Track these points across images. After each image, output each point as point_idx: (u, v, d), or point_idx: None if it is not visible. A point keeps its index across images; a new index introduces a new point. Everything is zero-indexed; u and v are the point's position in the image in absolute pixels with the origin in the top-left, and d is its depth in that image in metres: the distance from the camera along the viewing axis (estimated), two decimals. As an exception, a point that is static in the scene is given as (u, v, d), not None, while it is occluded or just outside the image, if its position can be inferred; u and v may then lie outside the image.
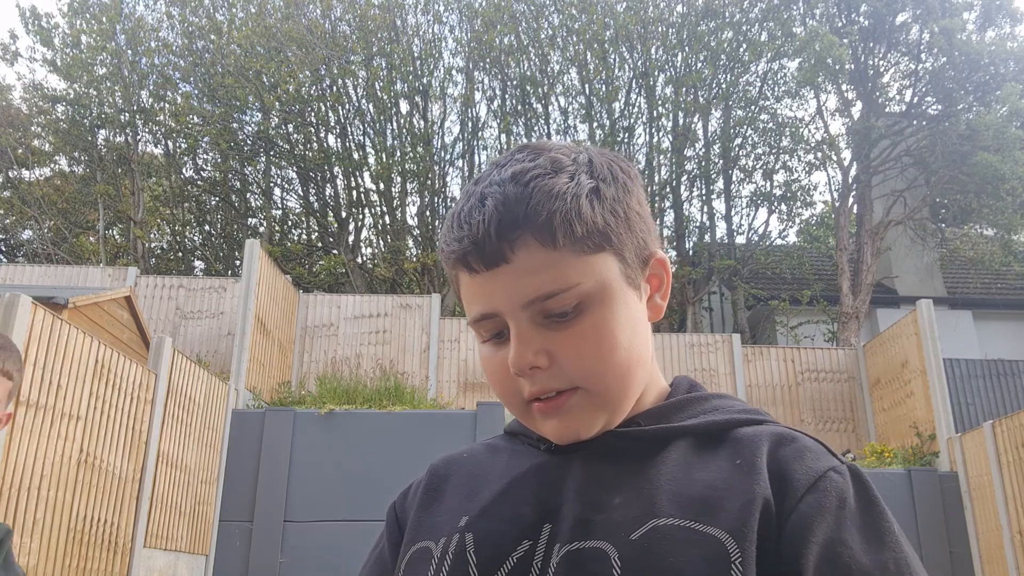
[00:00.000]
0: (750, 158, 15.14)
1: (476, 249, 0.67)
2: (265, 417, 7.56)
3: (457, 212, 0.71)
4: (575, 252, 0.67)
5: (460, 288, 0.73)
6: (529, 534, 0.68)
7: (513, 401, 0.72)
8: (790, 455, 0.66)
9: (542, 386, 0.69)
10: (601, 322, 0.68)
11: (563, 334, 0.68)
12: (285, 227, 16.88)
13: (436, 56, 14.87)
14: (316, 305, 10.01)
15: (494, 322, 0.70)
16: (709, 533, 0.61)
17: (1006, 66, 12.22)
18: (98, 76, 14.85)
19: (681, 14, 14.64)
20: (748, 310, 14.04)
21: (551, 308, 0.67)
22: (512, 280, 0.67)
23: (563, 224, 0.66)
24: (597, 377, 0.69)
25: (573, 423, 0.70)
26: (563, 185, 0.68)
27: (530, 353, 0.67)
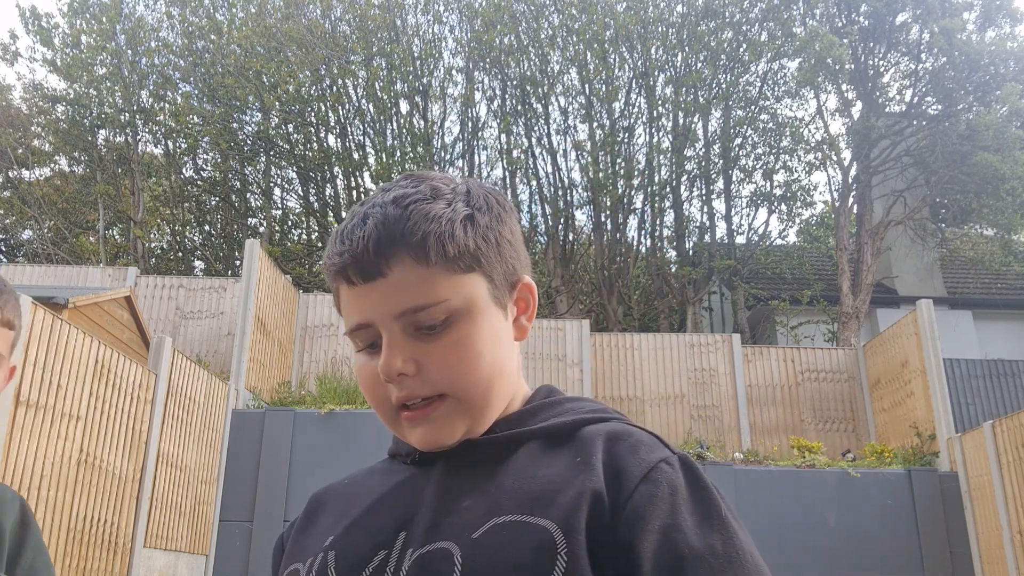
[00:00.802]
0: (750, 158, 15.15)
1: (355, 263, 0.73)
2: (265, 417, 7.56)
3: (341, 229, 0.77)
4: (446, 271, 0.73)
5: (340, 300, 0.77)
6: (385, 544, 0.72)
7: (383, 409, 0.76)
8: (624, 450, 0.70)
9: (408, 392, 0.73)
10: (466, 336, 0.73)
11: (431, 345, 0.73)
12: (285, 227, 16.88)
13: (436, 56, 14.88)
14: (316, 305, 10.01)
15: (368, 332, 0.74)
16: (540, 524, 0.65)
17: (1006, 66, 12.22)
18: (98, 76, 14.85)
19: (681, 14, 14.64)
20: (748, 310, 14.04)
21: (421, 320, 0.72)
22: (387, 293, 0.72)
23: (436, 244, 0.73)
24: (461, 386, 0.73)
25: (437, 430, 0.74)
26: (439, 210, 0.75)
27: (399, 360, 0.72)
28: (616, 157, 14.43)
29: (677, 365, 10.06)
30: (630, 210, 14.84)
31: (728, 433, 9.71)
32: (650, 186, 14.81)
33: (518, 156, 14.91)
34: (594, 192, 14.29)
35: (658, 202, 14.94)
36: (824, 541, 7.69)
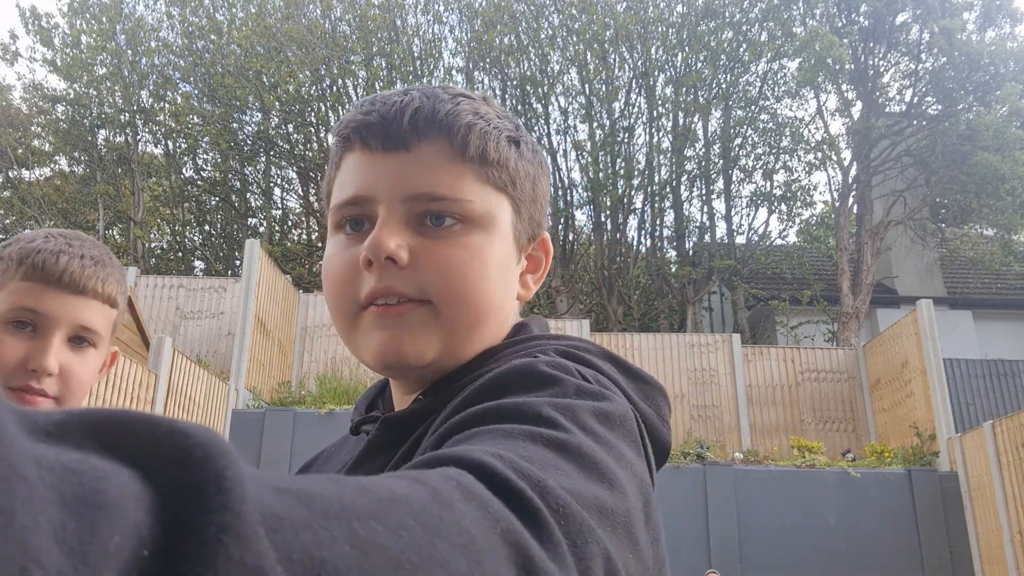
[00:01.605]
0: (750, 158, 15.15)
1: (381, 125, 0.63)
2: (265, 417, 7.57)
3: (370, 97, 0.67)
4: (478, 175, 0.64)
5: (340, 170, 0.67)
6: None
7: (345, 305, 0.64)
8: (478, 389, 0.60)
9: (388, 284, 0.61)
10: (477, 247, 0.63)
11: (434, 242, 0.62)
12: (285, 227, 16.89)
13: (436, 56, 14.88)
14: (316, 305, 10.01)
15: (360, 209, 0.64)
16: None
17: (1006, 66, 12.23)
18: (98, 76, 14.85)
19: (681, 14, 14.64)
20: (748, 310, 14.04)
21: (433, 210, 0.62)
22: (406, 168, 0.63)
23: (478, 140, 0.64)
24: (452, 296, 0.62)
25: (406, 339, 0.62)
26: (489, 113, 0.66)
27: (392, 242, 0.61)
28: (616, 157, 14.43)
29: (677, 365, 10.06)
30: (630, 210, 14.84)
31: (728, 433, 9.71)
32: (650, 186, 14.82)
33: (518, 156, 14.91)
34: (594, 192, 14.30)
35: (658, 202, 14.95)
36: (824, 541, 7.69)
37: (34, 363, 0.99)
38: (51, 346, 1.01)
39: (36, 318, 1.01)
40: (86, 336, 1.05)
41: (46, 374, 0.99)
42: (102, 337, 1.08)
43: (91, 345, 1.06)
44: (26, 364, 0.99)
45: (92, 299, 1.05)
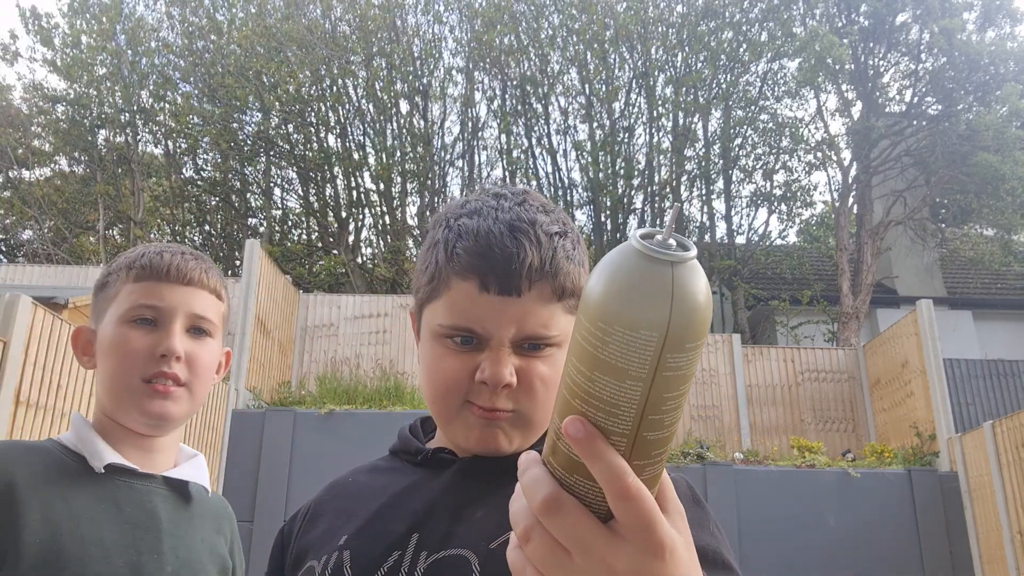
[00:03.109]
0: (750, 158, 15.14)
1: (502, 275, 0.75)
2: (265, 417, 7.56)
3: (482, 230, 0.77)
4: (564, 308, 0.78)
5: (451, 289, 0.78)
6: (398, 546, 0.74)
7: (449, 401, 0.78)
8: None
9: (496, 403, 0.76)
10: (557, 365, 0.78)
11: (530, 364, 0.77)
12: (285, 227, 16.88)
13: (436, 56, 14.88)
14: (316, 305, 10.01)
15: (471, 334, 0.77)
16: None
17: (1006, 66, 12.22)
18: (98, 76, 14.85)
19: (681, 14, 14.64)
20: (748, 310, 14.04)
21: (534, 342, 0.77)
22: (517, 313, 0.75)
23: (570, 286, 0.78)
24: (536, 411, 0.78)
25: (500, 436, 0.78)
26: (571, 250, 0.79)
27: (507, 372, 0.75)
28: (616, 157, 14.43)
29: (677, 365, 10.05)
30: (630, 210, 14.84)
31: (728, 433, 9.71)
32: (650, 186, 14.81)
33: (518, 156, 14.91)
34: (594, 192, 14.29)
35: (658, 202, 14.94)
36: (824, 541, 7.69)
37: (161, 348, 1.07)
38: (174, 332, 1.09)
39: (155, 312, 1.09)
40: (202, 325, 1.13)
41: (174, 356, 1.07)
42: (216, 327, 1.16)
43: (208, 335, 1.14)
44: (154, 351, 1.07)
45: (200, 289, 1.14)
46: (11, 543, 0.93)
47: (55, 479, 1.01)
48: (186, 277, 1.12)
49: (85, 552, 0.97)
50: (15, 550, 0.93)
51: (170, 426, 1.11)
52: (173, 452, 1.17)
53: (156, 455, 1.12)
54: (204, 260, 1.17)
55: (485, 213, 0.79)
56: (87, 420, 1.11)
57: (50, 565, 0.94)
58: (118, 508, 1.03)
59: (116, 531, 1.01)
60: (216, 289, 1.17)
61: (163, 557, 1.04)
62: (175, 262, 1.12)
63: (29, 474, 0.99)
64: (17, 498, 0.96)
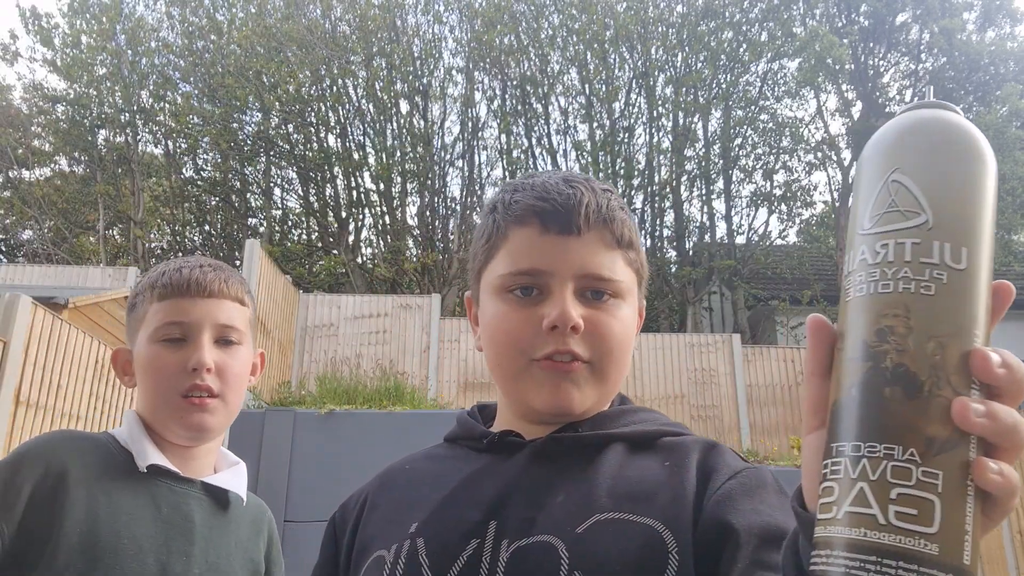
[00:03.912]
0: (750, 158, 15.14)
1: (561, 213, 0.77)
2: (265, 417, 7.56)
3: (538, 182, 0.81)
4: (624, 259, 0.80)
5: (508, 240, 0.80)
6: (476, 533, 0.72)
7: (518, 357, 0.77)
8: (716, 456, 0.76)
9: (567, 347, 0.75)
10: (625, 317, 0.79)
11: (595, 312, 0.77)
12: (285, 227, 16.88)
13: (436, 56, 14.87)
14: (316, 305, 10.01)
15: (534, 279, 0.77)
16: (644, 523, 0.69)
17: (1006, 66, 12.23)
18: (98, 76, 14.85)
19: (681, 14, 14.64)
20: (748, 310, 14.04)
21: (596, 287, 0.78)
22: (578, 251, 0.77)
23: (627, 233, 0.81)
24: (609, 358, 0.78)
25: (572, 391, 0.77)
26: (624, 207, 0.83)
27: (576, 313, 0.75)
28: (616, 157, 14.43)
29: (677, 365, 10.06)
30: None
31: (728, 433, 9.71)
32: (650, 186, 14.81)
33: (518, 156, 14.91)
34: (594, 192, 14.27)
35: (658, 202, 14.94)
36: (824, 541, 7.69)
37: (192, 362, 1.10)
38: (202, 345, 1.12)
39: (181, 329, 1.13)
40: (229, 335, 1.16)
41: (204, 369, 1.10)
42: (244, 334, 1.19)
43: (236, 343, 1.17)
44: (186, 366, 1.10)
45: (223, 299, 1.17)
46: (56, 531, 0.98)
47: (102, 473, 1.05)
48: (207, 290, 1.15)
49: (119, 546, 1.00)
50: (57, 538, 0.97)
51: (209, 436, 1.15)
52: (213, 458, 1.21)
53: (196, 461, 1.16)
54: (224, 270, 1.20)
55: (539, 175, 0.83)
56: (140, 419, 1.15)
57: (86, 555, 0.98)
58: (156, 507, 1.07)
59: (151, 529, 1.05)
60: (239, 296, 1.20)
61: (192, 559, 1.07)
62: (195, 276, 1.15)
63: (81, 465, 1.03)
64: (67, 488, 1.00)
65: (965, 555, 0.39)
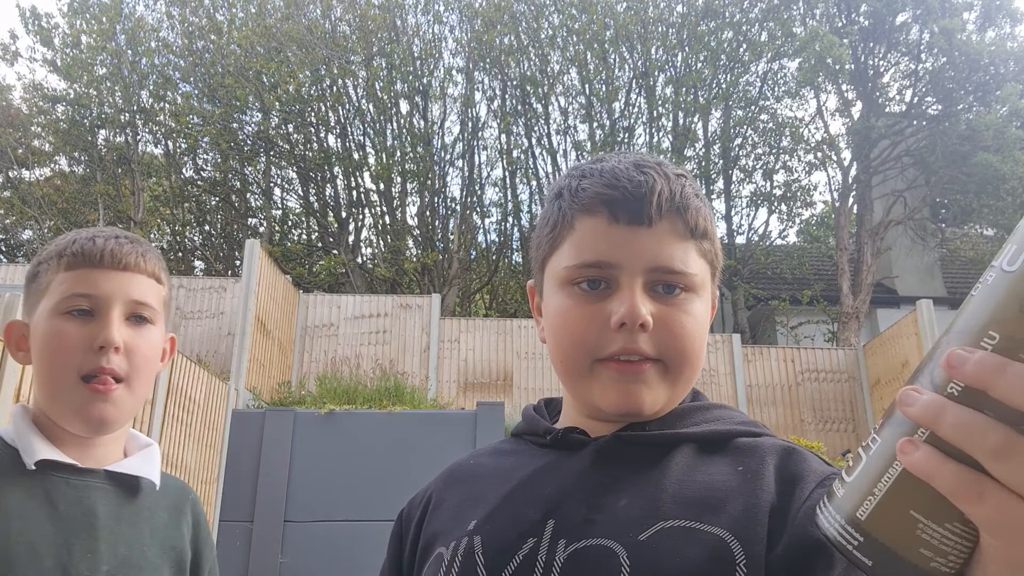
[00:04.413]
0: (750, 158, 15.14)
1: (632, 202, 0.72)
2: (265, 417, 7.56)
3: (607, 167, 0.75)
4: (698, 249, 0.75)
5: (575, 230, 0.75)
6: (533, 532, 0.69)
7: (583, 355, 0.73)
8: (798, 461, 0.71)
9: (635, 346, 0.71)
10: (698, 312, 0.75)
11: (669, 308, 0.72)
12: (285, 227, 16.88)
13: (436, 56, 14.88)
14: (316, 305, 10.01)
15: (601, 272, 0.73)
16: (712, 532, 0.64)
17: (1006, 66, 12.22)
18: (98, 76, 14.85)
19: (681, 14, 14.64)
20: (748, 310, 14.04)
21: (668, 281, 0.73)
22: (648, 243, 0.72)
23: (702, 222, 0.75)
24: (681, 357, 0.73)
25: (642, 392, 0.72)
26: (699, 192, 0.78)
27: (645, 310, 0.70)
28: (616, 157, 14.42)
29: (677, 365, 10.05)
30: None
31: (728, 433, 9.71)
32: (650, 186, 14.79)
33: (518, 156, 14.91)
34: (594, 192, 14.27)
35: (658, 202, 14.93)
36: (824, 541, 7.69)
37: (99, 339, 1.00)
38: (112, 322, 1.02)
39: (90, 301, 1.02)
40: (142, 312, 1.07)
41: (112, 348, 1.01)
42: (157, 312, 1.10)
43: (148, 322, 1.08)
44: (91, 343, 1.00)
45: (137, 273, 1.07)
46: None
47: None
48: (122, 262, 1.05)
49: (11, 552, 0.92)
50: None
51: (110, 429, 1.05)
52: (120, 444, 1.10)
53: (101, 449, 1.06)
54: (141, 243, 1.09)
55: (608, 159, 0.78)
56: (27, 412, 1.04)
57: None
58: (51, 505, 0.97)
59: (47, 530, 0.96)
60: (155, 272, 1.10)
61: (98, 556, 0.98)
62: (109, 246, 1.04)
63: None
64: None
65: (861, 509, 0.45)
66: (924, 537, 0.43)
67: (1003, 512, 0.38)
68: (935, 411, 0.40)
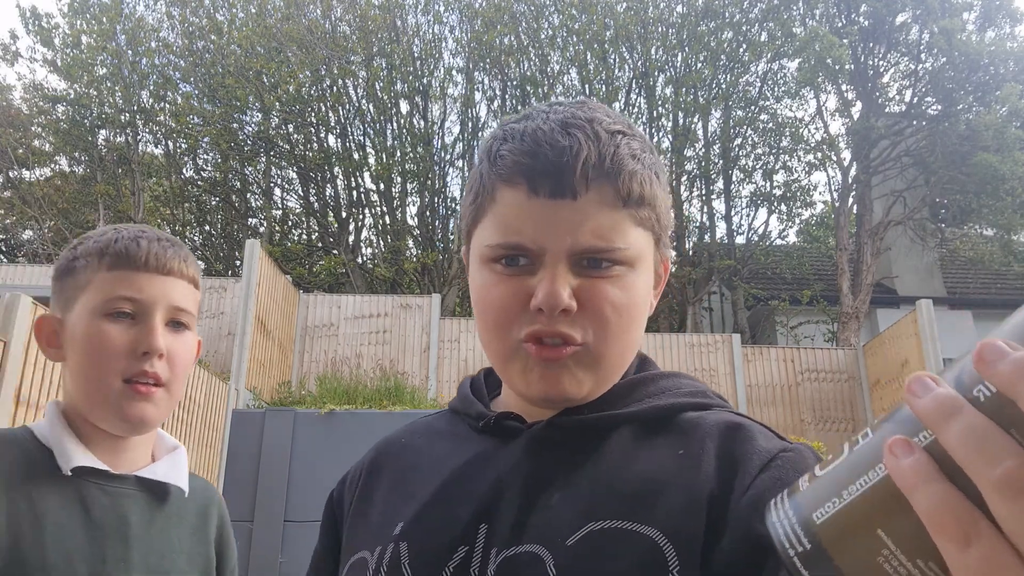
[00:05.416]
0: (750, 158, 15.15)
1: (552, 172, 0.64)
2: (265, 417, 7.57)
3: (529, 129, 0.66)
4: (633, 218, 0.66)
5: (496, 203, 0.68)
6: (465, 538, 0.63)
7: (505, 336, 0.67)
8: (741, 439, 0.64)
9: (557, 329, 0.64)
10: (631, 286, 0.67)
11: (594, 283, 0.65)
12: (285, 227, 16.89)
13: (436, 56, 14.88)
14: (316, 305, 10.02)
15: (522, 252, 0.66)
16: (644, 534, 0.58)
17: (1006, 66, 12.22)
18: (98, 76, 14.85)
19: (681, 14, 14.64)
20: (748, 310, 14.04)
21: (593, 258, 0.65)
22: (571, 219, 0.64)
23: (639, 186, 0.66)
24: (608, 338, 0.66)
25: (566, 379, 0.66)
26: (640, 151, 0.67)
27: (566, 294, 0.63)
28: (616, 157, 14.42)
29: (677, 365, 10.06)
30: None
31: (728, 433, 9.71)
32: (650, 186, 14.80)
33: (518, 156, 14.91)
34: (594, 192, 14.28)
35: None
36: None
37: (144, 345, 0.99)
38: (156, 328, 1.01)
39: (134, 305, 1.01)
40: (181, 318, 1.06)
41: (157, 355, 1.00)
42: (194, 318, 1.08)
43: (186, 327, 1.07)
44: (135, 349, 0.99)
45: (179, 279, 1.05)
46: None
47: (22, 478, 0.93)
48: (165, 267, 1.03)
49: (46, 560, 0.89)
50: None
51: (148, 428, 1.03)
52: (149, 447, 1.09)
53: (131, 452, 1.05)
54: (181, 247, 1.08)
55: (535, 115, 0.68)
56: (60, 411, 1.03)
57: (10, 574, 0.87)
58: (86, 512, 0.96)
59: (82, 537, 0.94)
60: (194, 278, 1.09)
61: (131, 565, 0.97)
62: (153, 250, 1.03)
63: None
64: None
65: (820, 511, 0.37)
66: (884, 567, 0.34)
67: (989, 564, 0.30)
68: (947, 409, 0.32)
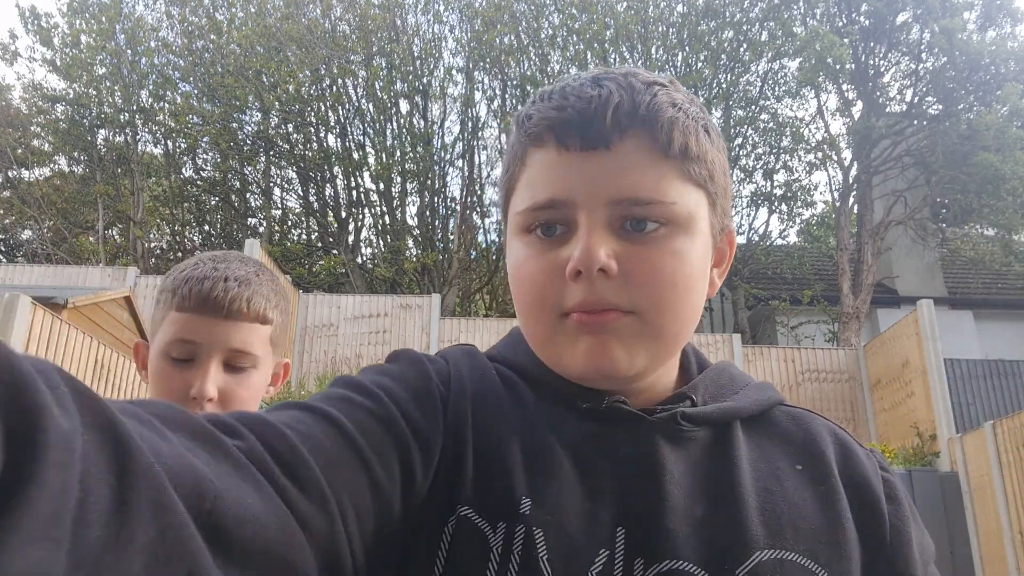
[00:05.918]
0: (750, 158, 15.14)
1: (580, 122, 0.57)
2: (265, 417, 7.55)
3: (559, 86, 0.60)
4: (680, 172, 0.58)
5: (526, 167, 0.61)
6: (605, 541, 0.55)
7: (546, 311, 0.59)
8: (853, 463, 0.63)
9: (599, 296, 0.56)
10: (682, 251, 0.58)
11: (639, 248, 0.57)
12: (285, 227, 16.88)
13: (436, 56, 14.88)
14: (316, 305, 10.01)
15: (556, 213, 0.59)
16: (811, 568, 0.56)
17: (1006, 66, 12.21)
18: (98, 76, 14.85)
19: (681, 14, 14.64)
20: (748, 310, 14.03)
21: (636, 214, 0.57)
22: (608, 169, 0.57)
23: (682, 135, 0.58)
24: (660, 307, 0.58)
25: (613, 349, 0.57)
26: (684, 102, 0.60)
27: (603, 252, 0.56)
28: (616, 157, 14.44)
29: (677, 365, 10.05)
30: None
31: (728, 433, 9.71)
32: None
33: (518, 156, 14.91)
34: (594, 192, 14.29)
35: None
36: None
37: (193, 390, 1.02)
38: (208, 372, 1.03)
39: (191, 349, 1.04)
40: (240, 361, 1.07)
41: (206, 399, 1.02)
42: (258, 358, 1.08)
43: (248, 368, 1.08)
44: (188, 391, 1.03)
45: (240, 321, 1.06)
46: None
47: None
48: (224, 310, 1.04)
49: None
50: None
51: None
52: None
53: None
54: (250, 284, 1.07)
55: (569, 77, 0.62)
56: None
57: None
58: None
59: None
60: (260, 315, 1.08)
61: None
62: (214, 293, 1.04)
63: None
64: None
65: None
66: None
67: None
68: None
